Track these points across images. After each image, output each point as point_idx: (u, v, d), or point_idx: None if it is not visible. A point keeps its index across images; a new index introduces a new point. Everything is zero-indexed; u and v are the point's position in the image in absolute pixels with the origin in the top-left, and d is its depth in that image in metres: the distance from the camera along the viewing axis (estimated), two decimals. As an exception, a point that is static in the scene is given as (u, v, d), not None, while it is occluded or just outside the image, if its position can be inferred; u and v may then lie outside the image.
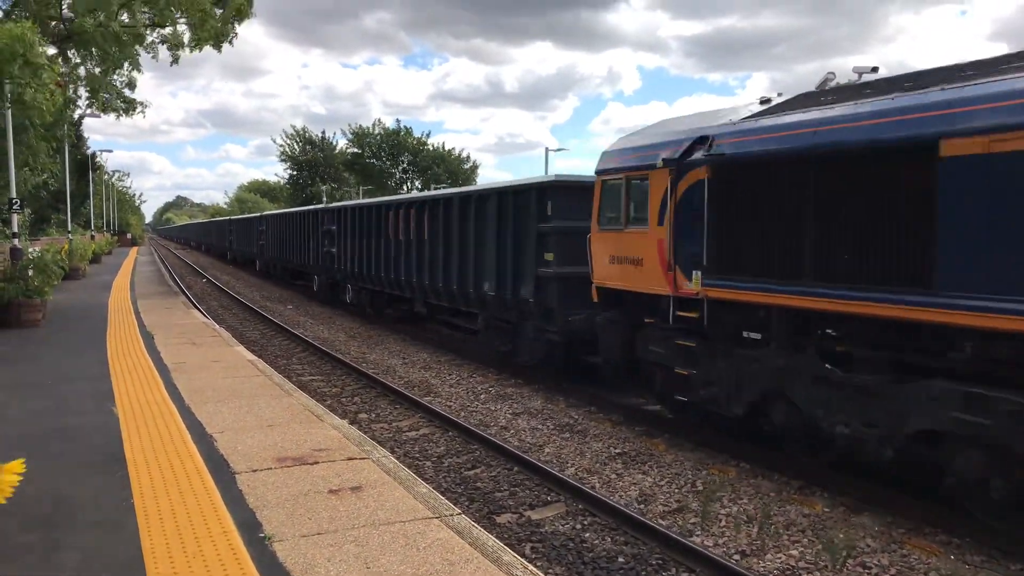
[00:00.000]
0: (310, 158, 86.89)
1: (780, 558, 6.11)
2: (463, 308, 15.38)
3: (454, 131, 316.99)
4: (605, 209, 10.28)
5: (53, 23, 19.91)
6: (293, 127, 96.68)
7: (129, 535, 4.64)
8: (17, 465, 1.45)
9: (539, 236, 12.15)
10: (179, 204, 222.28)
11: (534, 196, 12.38)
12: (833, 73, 8.72)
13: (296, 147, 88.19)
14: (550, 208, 12.04)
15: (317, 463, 6.07)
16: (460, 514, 5.05)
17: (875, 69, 8.17)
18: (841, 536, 6.42)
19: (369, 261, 19.90)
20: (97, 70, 20.62)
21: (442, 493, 6.70)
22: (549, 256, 11.95)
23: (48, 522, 4.87)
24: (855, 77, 8.21)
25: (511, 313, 13.15)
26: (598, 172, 10.40)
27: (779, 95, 9.08)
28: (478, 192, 14.61)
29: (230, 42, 21.13)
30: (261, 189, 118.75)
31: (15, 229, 17.32)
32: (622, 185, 9.77)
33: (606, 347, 10.45)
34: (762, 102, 8.84)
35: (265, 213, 39.08)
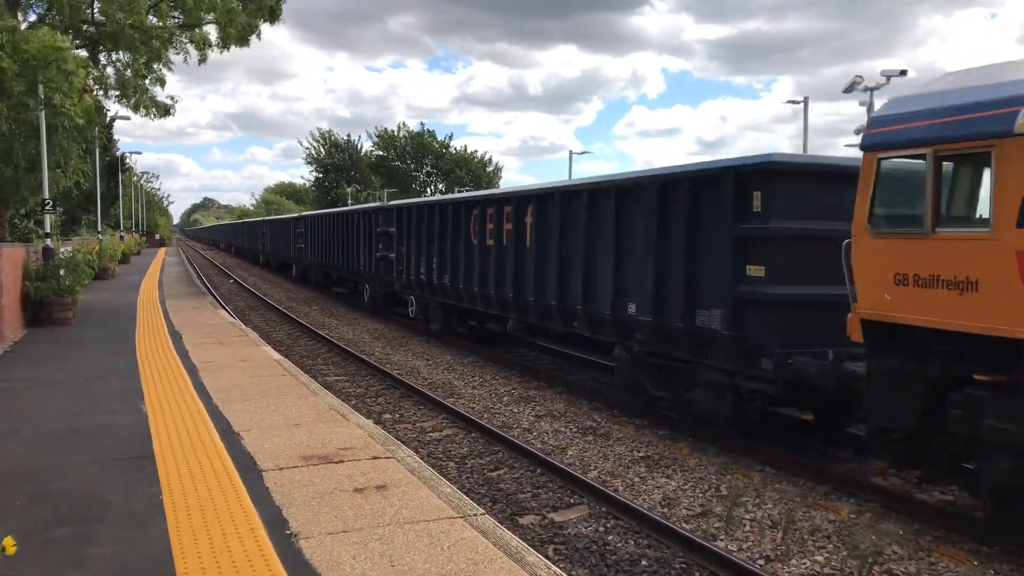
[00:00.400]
0: (336, 161, 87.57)
1: (805, 563, 6.07)
2: (588, 335, 12.01)
3: (478, 134, 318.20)
4: (884, 201, 6.95)
5: (85, 26, 20.22)
6: (319, 130, 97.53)
7: (158, 530, 4.71)
8: None
9: (738, 241, 8.77)
10: (206, 205, 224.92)
11: (730, 186, 8.88)
12: (861, 76, 8.67)
13: (322, 150, 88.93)
14: (759, 201, 8.65)
15: (342, 462, 6.12)
16: (484, 514, 5.08)
17: (904, 72, 8.12)
18: (867, 542, 6.37)
19: (442, 270, 16.76)
20: (128, 72, 20.93)
21: (465, 493, 6.73)
22: (756, 270, 8.60)
23: (80, 517, 4.95)
24: (883, 80, 8.13)
25: (680, 347, 9.75)
26: (869, 146, 7.02)
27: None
28: (619, 182, 11.11)
29: (257, 36, 21.26)
30: (287, 191, 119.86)
31: (47, 229, 17.63)
32: (927, 164, 6.44)
33: (887, 412, 6.99)
34: None
35: (304, 213, 36.66)
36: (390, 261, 20.32)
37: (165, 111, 21.88)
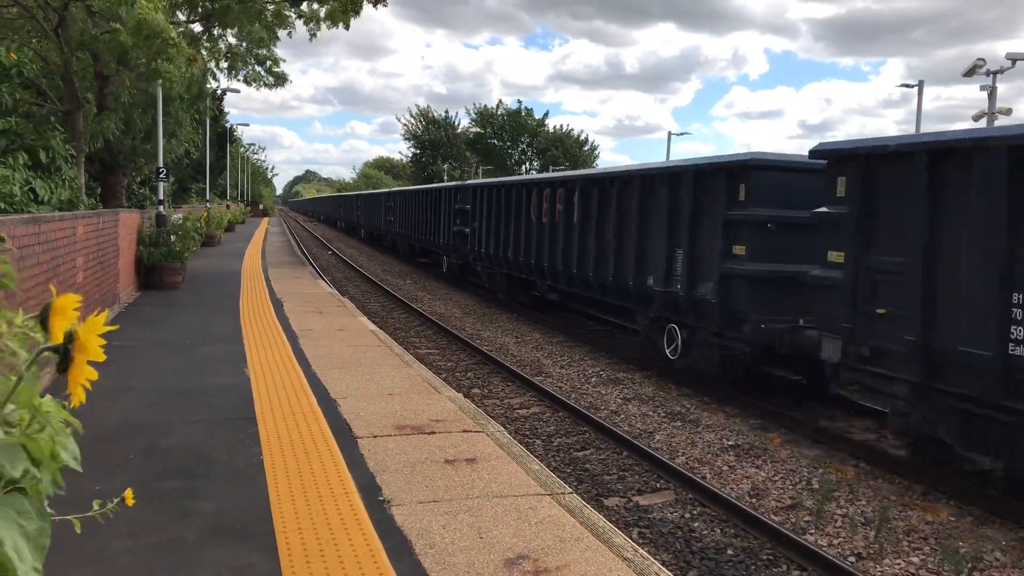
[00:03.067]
0: (433, 138, 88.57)
1: (899, 564, 5.90)
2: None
3: (572, 113, 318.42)
4: None
5: (201, 2, 20.88)
6: (417, 106, 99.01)
7: (258, 489, 4.92)
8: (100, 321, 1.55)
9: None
10: (308, 178, 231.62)
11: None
12: (983, 59, 8.23)
13: (420, 126, 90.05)
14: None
15: (434, 433, 6.25)
16: (572, 493, 5.12)
17: (1032, 56, 7.66)
18: (967, 547, 6.14)
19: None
20: (243, 45, 21.54)
21: (552, 471, 6.79)
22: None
23: (187, 472, 5.22)
24: (1007, 64, 7.72)
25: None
26: None
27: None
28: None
29: (357, 12, 21.42)
30: (385, 166, 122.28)
31: (161, 196, 18.46)
32: None
33: None
34: None
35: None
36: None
37: (280, 79, 22.33)
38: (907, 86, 45.00)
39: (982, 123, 22.75)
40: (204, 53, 18.54)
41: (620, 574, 3.91)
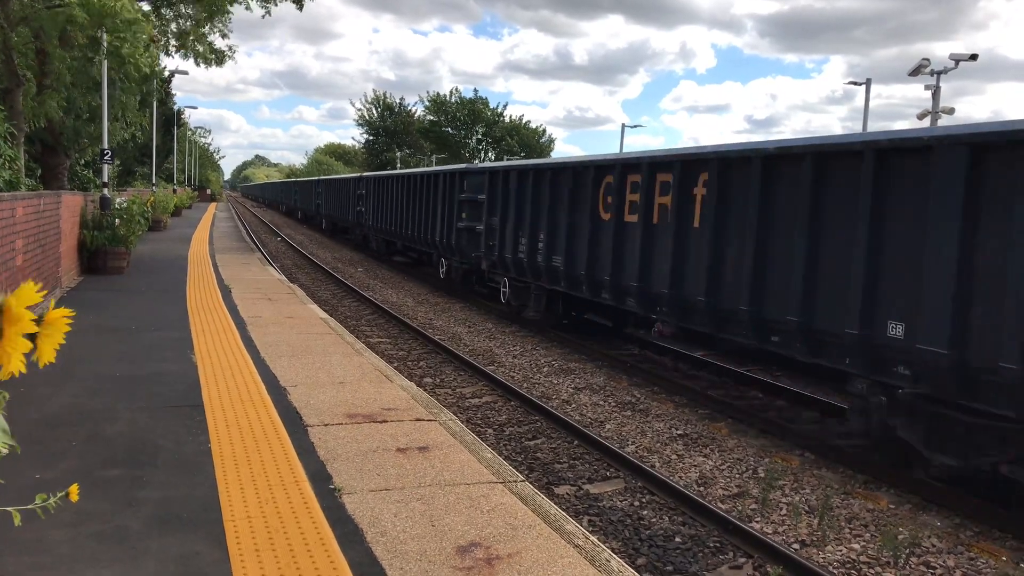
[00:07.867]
0: (387, 124, 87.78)
1: (841, 550, 6.05)
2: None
3: (522, 103, 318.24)
4: None
5: None
6: (374, 91, 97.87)
7: (206, 477, 4.84)
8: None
9: None
10: (256, 163, 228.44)
11: None
12: (927, 60, 8.43)
13: (375, 112, 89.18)
14: None
15: (386, 422, 6.22)
16: (524, 481, 5.13)
17: (974, 57, 7.87)
18: (905, 533, 6.31)
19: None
20: (189, 24, 21.15)
21: (504, 460, 6.80)
22: None
23: (132, 460, 5.11)
24: (951, 64, 7.91)
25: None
26: None
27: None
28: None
29: None
30: (336, 152, 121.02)
31: (105, 179, 18.00)
32: None
33: None
34: None
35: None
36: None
37: (221, 58, 21.99)
38: (854, 83, 45.99)
39: (926, 122, 23.37)
40: (156, 32, 18.16)
41: (571, 561, 3.94)
